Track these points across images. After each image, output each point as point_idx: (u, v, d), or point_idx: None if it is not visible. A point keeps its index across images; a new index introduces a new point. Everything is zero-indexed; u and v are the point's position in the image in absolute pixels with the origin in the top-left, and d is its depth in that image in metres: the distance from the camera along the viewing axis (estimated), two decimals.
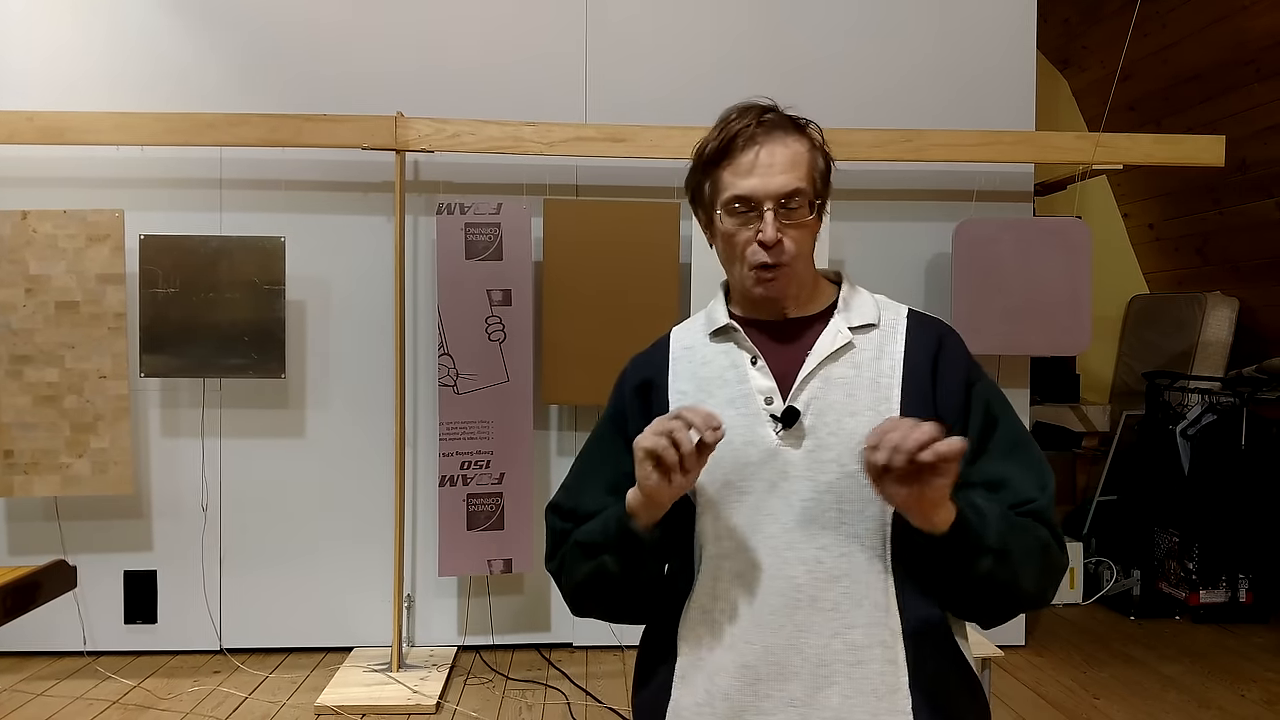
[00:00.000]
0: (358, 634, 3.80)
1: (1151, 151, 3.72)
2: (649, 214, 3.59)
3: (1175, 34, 4.75)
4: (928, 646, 1.23)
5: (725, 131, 1.28)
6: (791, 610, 1.22)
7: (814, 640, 1.21)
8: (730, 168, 1.27)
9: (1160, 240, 5.59)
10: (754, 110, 1.29)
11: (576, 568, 1.31)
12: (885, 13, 3.89)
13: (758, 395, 1.28)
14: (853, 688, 1.20)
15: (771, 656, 1.22)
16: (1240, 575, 4.37)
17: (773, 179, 1.25)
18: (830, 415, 1.25)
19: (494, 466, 3.56)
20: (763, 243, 1.25)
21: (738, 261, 1.30)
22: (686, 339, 1.40)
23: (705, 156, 1.30)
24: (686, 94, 3.81)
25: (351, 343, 3.79)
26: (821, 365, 1.28)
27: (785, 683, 1.22)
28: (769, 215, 1.24)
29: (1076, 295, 3.68)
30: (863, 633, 1.21)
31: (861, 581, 1.22)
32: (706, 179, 1.31)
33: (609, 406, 1.44)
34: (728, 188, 1.27)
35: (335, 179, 3.75)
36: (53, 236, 3.41)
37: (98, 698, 3.35)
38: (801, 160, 1.27)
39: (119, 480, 3.46)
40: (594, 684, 3.54)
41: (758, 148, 1.26)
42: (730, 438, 1.23)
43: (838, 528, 1.23)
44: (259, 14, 3.73)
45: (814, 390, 1.27)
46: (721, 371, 1.32)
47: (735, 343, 1.33)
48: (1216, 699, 3.49)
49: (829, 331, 1.30)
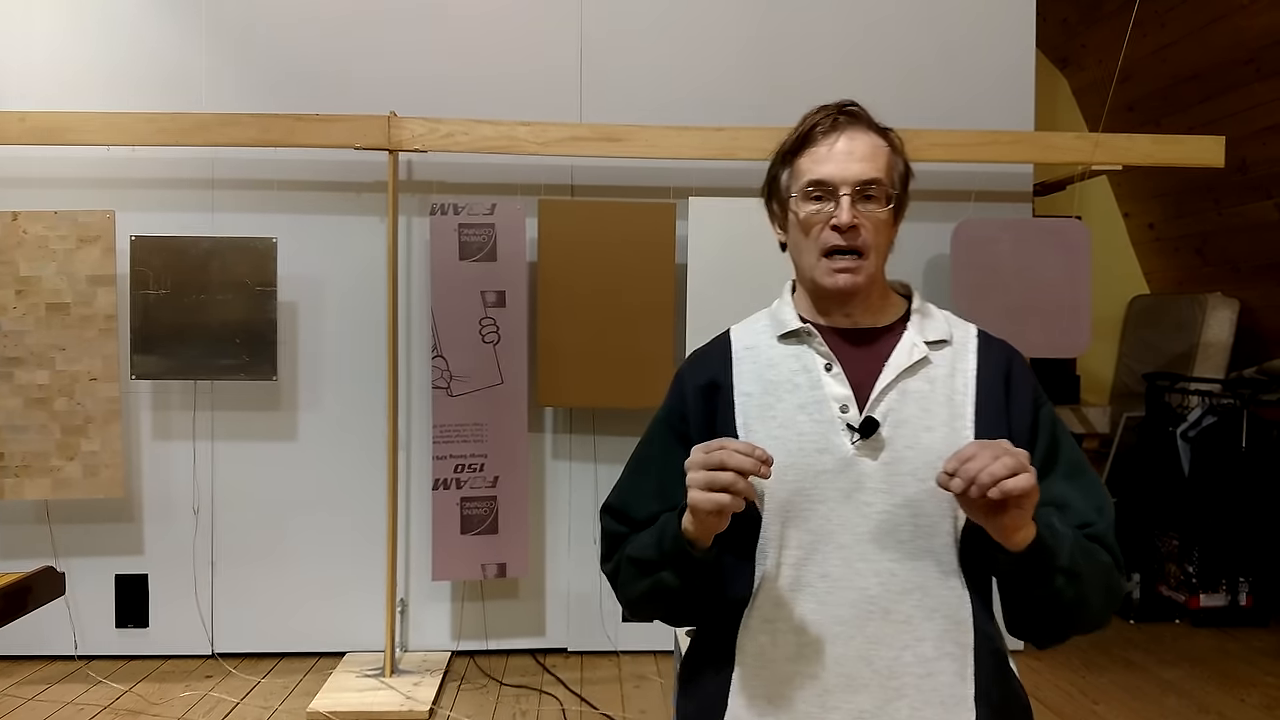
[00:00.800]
0: (350, 639, 3.77)
1: (1150, 152, 3.69)
2: (645, 214, 3.56)
3: (1174, 33, 4.73)
4: (992, 662, 1.24)
5: (806, 123, 1.31)
6: (863, 621, 1.21)
7: (885, 652, 1.21)
8: (809, 154, 1.28)
9: (1160, 240, 5.56)
10: (835, 105, 1.32)
11: (633, 584, 1.30)
12: (883, 12, 3.86)
13: (832, 403, 1.27)
14: (921, 700, 1.20)
15: (841, 668, 1.21)
16: (1240, 578, 4.34)
17: (851, 165, 1.26)
18: (907, 429, 1.25)
19: (488, 470, 3.53)
20: (837, 227, 1.25)
21: (810, 250, 1.29)
22: (748, 339, 1.38)
23: (784, 148, 1.32)
24: (682, 93, 3.78)
25: (344, 345, 3.75)
26: (899, 378, 1.27)
27: (854, 694, 1.20)
28: (845, 200, 1.25)
29: (1076, 296, 3.65)
30: (933, 645, 1.21)
31: (934, 595, 1.22)
32: (784, 169, 1.32)
33: (666, 405, 1.41)
34: (805, 173, 1.28)
35: (328, 179, 3.72)
36: (43, 238, 3.38)
37: (89, 703, 3.32)
38: (881, 154, 1.29)
39: (110, 483, 3.43)
40: (589, 690, 3.51)
41: (838, 134, 1.28)
42: (802, 444, 1.24)
43: (912, 541, 1.22)
44: (251, 14, 3.70)
45: (891, 402, 1.26)
46: (791, 375, 1.31)
47: (808, 346, 1.32)
48: (1216, 704, 3.46)
49: (904, 344, 1.30)
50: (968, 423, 1.25)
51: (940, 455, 1.20)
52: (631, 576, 1.30)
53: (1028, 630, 1.26)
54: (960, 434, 1.24)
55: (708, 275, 3.53)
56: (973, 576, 1.24)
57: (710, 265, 3.53)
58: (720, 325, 3.64)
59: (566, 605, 3.87)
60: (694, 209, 3.54)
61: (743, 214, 3.54)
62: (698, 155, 3.51)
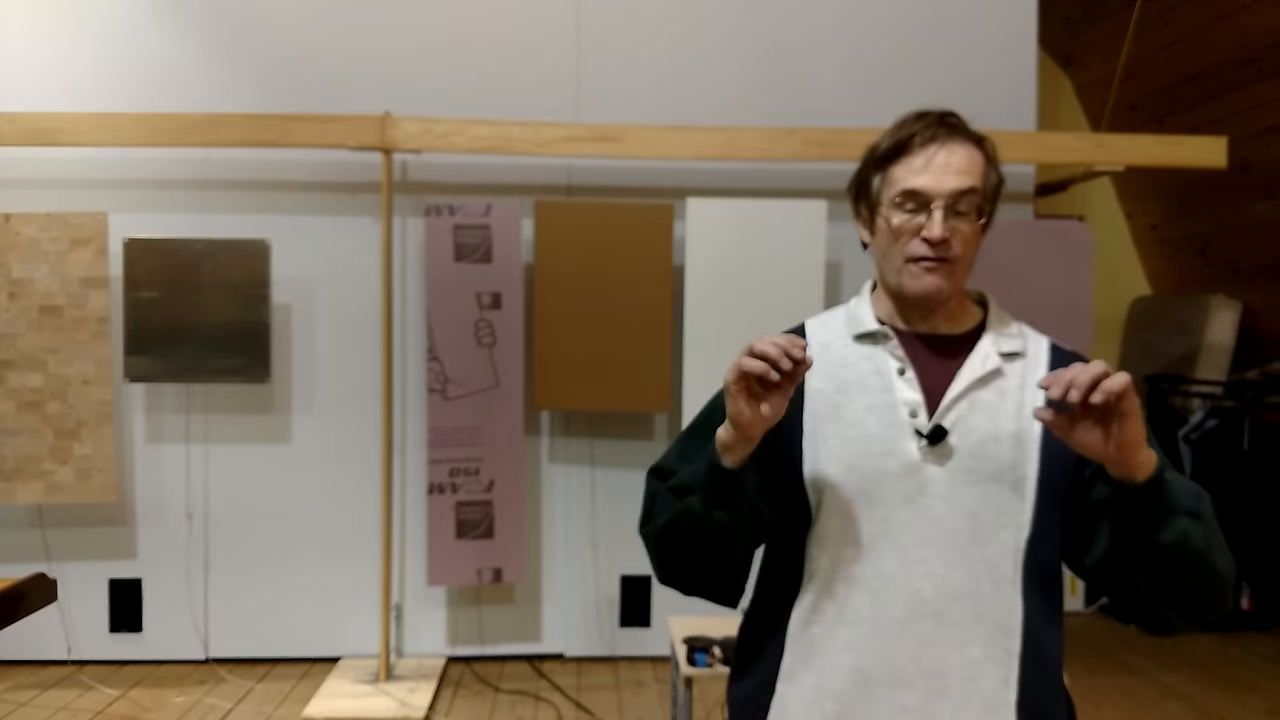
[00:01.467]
0: (345, 644, 3.74)
1: (1152, 152, 3.65)
2: (642, 215, 3.53)
3: (1177, 32, 4.69)
4: (1038, 672, 1.24)
5: (903, 130, 1.28)
6: (915, 621, 1.23)
7: (932, 653, 1.23)
8: (904, 163, 1.26)
9: (1163, 241, 5.53)
10: (935, 114, 1.29)
11: (663, 513, 1.29)
12: (882, 11, 3.82)
13: (902, 407, 1.27)
14: (964, 701, 1.22)
15: (888, 664, 1.23)
16: (1242, 583, 4.31)
17: (948, 178, 1.24)
18: (974, 438, 1.25)
19: (484, 474, 3.50)
20: (928, 239, 1.24)
21: (896, 257, 1.28)
22: (824, 335, 1.38)
23: (879, 153, 1.30)
24: (679, 94, 3.75)
25: (338, 347, 3.72)
26: (970, 388, 1.27)
27: (899, 690, 1.23)
28: (938, 214, 1.23)
29: (1077, 297, 3.62)
30: (980, 649, 1.23)
31: (985, 601, 1.23)
32: (877, 173, 1.30)
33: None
34: (899, 182, 1.26)
35: (322, 180, 3.69)
36: (35, 240, 3.36)
37: (81, 708, 3.30)
38: (978, 166, 1.26)
39: (102, 487, 3.40)
40: (586, 696, 3.48)
41: (936, 147, 1.25)
42: (869, 446, 1.26)
43: (969, 548, 1.23)
44: (244, 14, 3.66)
45: (960, 411, 1.26)
46: (863, 376, 1.30)
47: (884, 349, 1.32)
48: (1217, 709, 3.43)
49: (978, 354, 1.29)
50: (1035, 436, 1.25)
51: (1005, 466, 1.23)
52: (664, 506, 1.29)
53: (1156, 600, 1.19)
54: (1027, 448, 1.25)
55: (706, 277, 3.50)
56: (1033, 588, 1.25)
57: (709, 267, 3.50)
58: (719, 326, 3.61)
59: (563, 610, 3.84)
60: (692, 210, 3.51)
61: (742, 215, 3.51)
62: (695, 155, 3.48)
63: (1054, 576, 1.28)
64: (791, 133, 3.44)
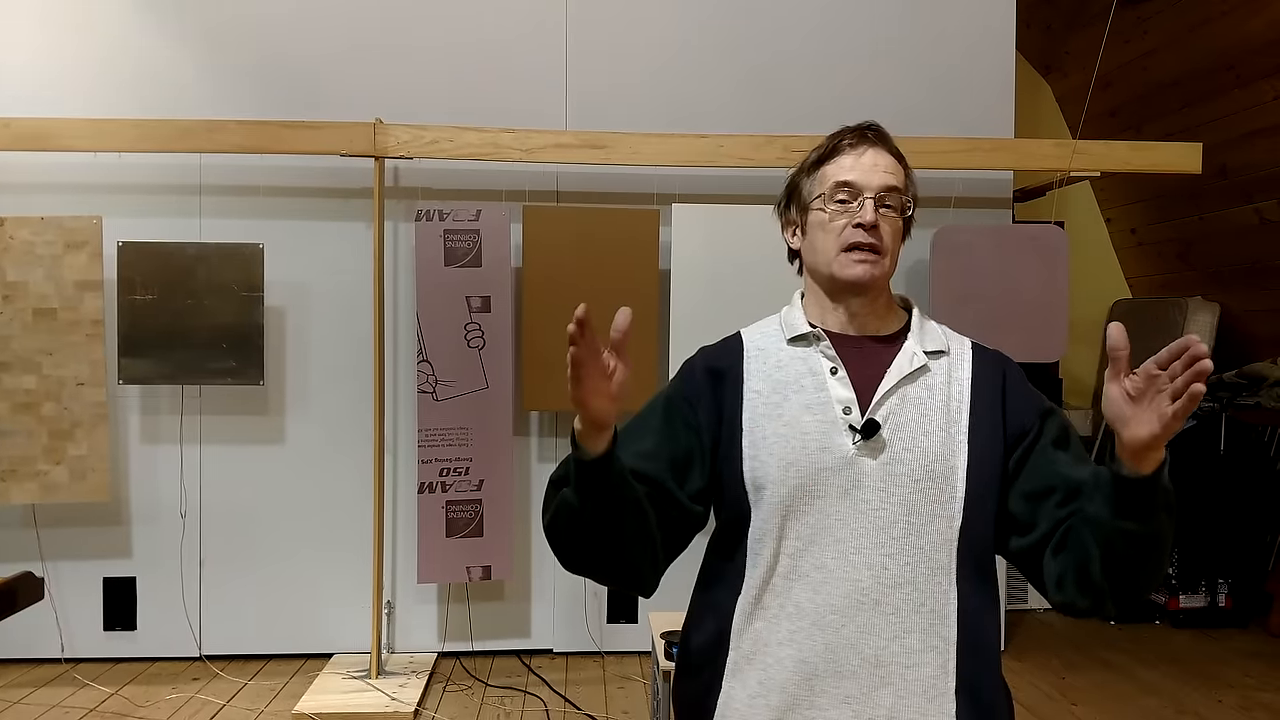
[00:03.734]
0: (337, 640, 3.80)
1: (1128, 158, 3.73)
2: (629, 220, 3.60)
3: (1155, 40, 4.78)
4: (975, 659, 1.30)
5: (833, 138, 1.40)
6: (854, 611, 1.28)
7: (873, 641, 1.27)
8: (836, 163, 1.38)
9: (1143, 245, 5.62)
10: (862, 124, 1.41)
11: (548, 509, 1.32)
12: (862, 21, 3.90)
13: (836, 404, 1.34)
14: (905, 689, 1.27)
15: (830, 654, 1.28)
16: (1220, 580, 4.39)
17: (876, 174, 1.35)
18: (905, 432, 1.32)
19: (473, 473, 3.56)
20: (861, 224, 1.33)
21: (831, 246, 1.37)
22: (759, 341, 1.46)
23: (809, 160, 1.42)
24: (664, 102, 3.82)
25: (331, 349, 3.78)
26: (899, 384, 1.34)
27: (841, 680, 1.27)
28: (869, 203, 1.34)
29: (1054, 301, 3.69)
30: (919, 638, 1.28)
31: (923, 589, 1.28)
32: (808, 178, 1.41)
33: (672, 389, 1.46)
34: (832, 176, 1.37)
35: (314, 185, 3.75)
36: (30, 243, 3.40)
37: (74, 706, 3.34)
38: (900, 173, 1.39)
39: (96, 487, 3.45)
40: (573, 690, 3.54)
41: (865, 148, 1.38)
42: (806, 442, 1.32)
43: (905, 538, 1.29)
44: (238, 21, 3.72)
45: (891, 406, 1.33)
46: (798, 377, 1.38)
47: (816, 350, 1.39)
48: (1193, 704, 3.50)
49: (905, 352, 1.37)
50: (963, 428, 1.33)
51: (936, 458, 1.30)
52: (548, 501, 1.32)
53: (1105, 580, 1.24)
54: (955, 439, 1.32)
55: (691, 280, 3.57)
56: (967, 575, 1.30)
57: (693, 271, 3.57)
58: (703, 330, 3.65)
59: (552, 607, 3.90)
60: (677, 215, 3.58)
61: (725, 220, 3.58)
62: (681, 162, 3.55)
63: (988, 563, 1.34)
64: (773, 140, 3.52)
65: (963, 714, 1.27)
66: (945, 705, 1.27)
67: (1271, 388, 4.82)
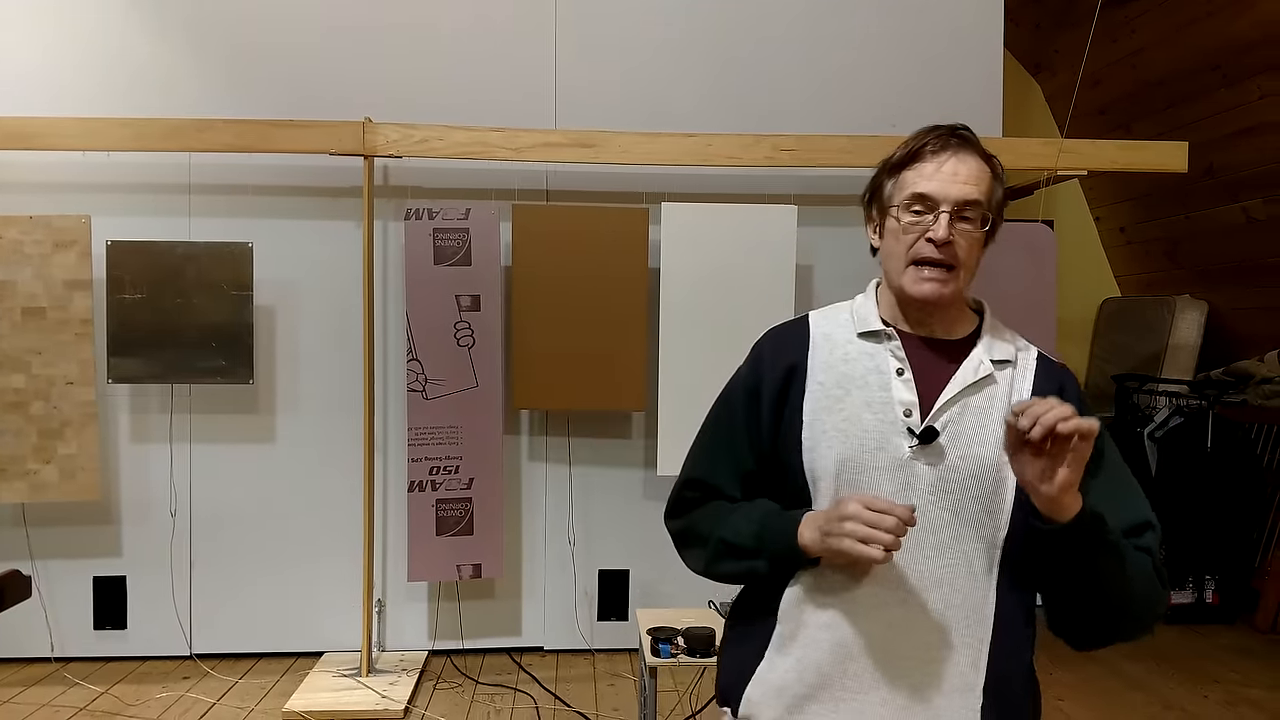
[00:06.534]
0: (328, 639, 3.80)
1: (1115, 157, 3.75)
2: (618, 219, 3.60)
3: (1143, 39, 4.80)
4: (1007, 661, 1.33)
5: (919, 140, 1.37)
6: (894, 605, 1.32)
7: (908, 635, 1.32)
8: (916, 169, 1.35)
9: (1131, 244, 5.64)
10: (949, 126, 1.38)
11: (722, 564, 1.42)
12: (851, 20, 3.91)
13: (898, 406, 1.35)
14: (932, 681, 1.31)
15: (866, 641, 1.33)
16: (1207, 577, 4.42)
17: (955, 185, 1.33)
18: (962, 440, 1.33)
19: (463, 472, 3.57)
20: (932, 239, 1.32)
21: (901, 258, 1.36)
22: (827, 328, 1.46)
23: (893, 161, 1.39)
24: (653, 101, 3.83)
25: (320, 348, 3.79)
26: (962, 392, 1.36)
27: (873, 667, 1.32)
28: (944, 217, 1.32)
29: (1042, 300, 3.70)
30: (952, 635, 1.32)
31: (960, 591, 1.32)
32: (890, 179, 1.39)
33: (744, 374, 1.48)
34: (910, 185, 1.35)
35: (303, 184, 3.75)
36: (18, 242, 3.40)
37: (65, 705, 3.34)
38: (985, 179, 1.36)
39: (86, 486, 3.45)
40: (564, 688, 3.55)
41: (948, 155, 1.35)
42: (864, 440, 1.34)
43: (950, 544, 1.32)
44: (226, 19, 3.72)
45: (952, 414, 1.34)
46: (864, 373, 1.39)
47: (885, 348, 1.40)
48: (1179, 700, 3.53)
49: (972, 361, 1.38)
50: None
51: (989, 467, 1.32)
52: (721, 555, 1.42)
53: (1072, 622, 1.32)
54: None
55: (680, 279, 3.58)
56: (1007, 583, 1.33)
57: (683, 269, 3.58)
58: (695, 328, 3.67)
59: (542, 605, 3.91)
60: (667, 214, 3.59)
61: (715, 219, 3.59)
62: (670, 161, 3.55)
63: (1029, 575, 1.34)
64: (762, 139, 3.53)
65: (988, 710, 1.31)
66: (971, 700, 1.31)
67: (1258, 385, 4.85)
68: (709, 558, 1.44)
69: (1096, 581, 1.25)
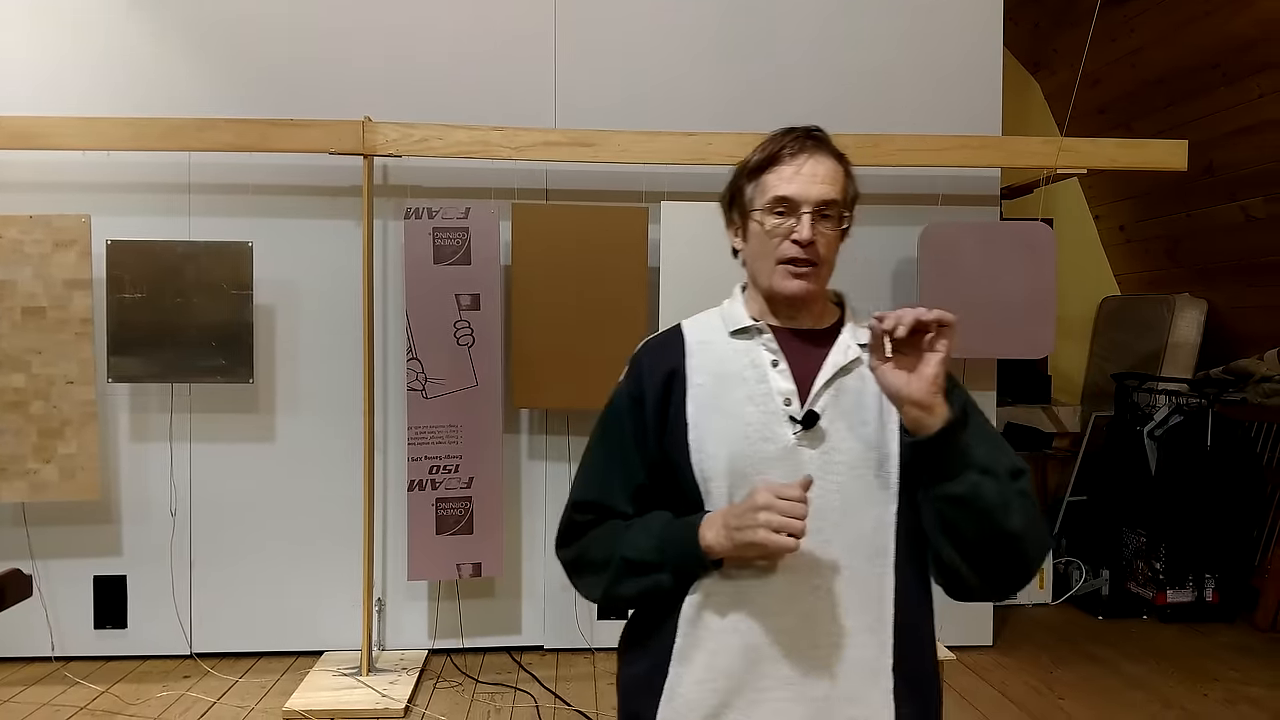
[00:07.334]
0: (328, 638, 3.80)
1: (1115, 156, 3.75)
2: (618, 218, 3.61)
3: (1142, 38, 4.80)
4: (912, 641, 1.36)
5: (775, 143, 1.41)
6: (798, 597, 1.33)
7: (815, 625, 1.33)
8: (776, 172, 1.39)
9: (1131, 242, 5.64)
10: (803, 129, 1.42)
11: (622, 585, 1.40)
12: (850, 19, 3.91)
13: (777, 396, 1.38)
14: (845, 669, 1.33)
15: (775, 638, 1.33)
16: (1207, 575, 4.42)
17: (815, 186, 1.37)
18: (842, 422, 1.37)
19: (463, 471, 3.57)
20: (798, 241, 1.36)
21: (769, 259, 1.40)
22: (702, 334, 1.48)
23: (752, 164, 1.43)
24: (654, 99, 3.84)
25: (320, 347, 3.79)
26: (836, 375, 1.40)
27: (784, 663, 1.33)
28: (806, 218, 1.36)
29: (1042, 298, 3.71)
30: (858, 619, 1.33)
31: (860, 572, 1.34)
32: (749, 183, 1.43)
33: (625, 388, 1.49)
34: (772, 189, 1.38)
35: (303, 183, 3.75)
36: (18, 241, 3.40)
37: (65, 704, 3.35)
38: (840, 178, 1.41)
39: (86, 486, 3.45)
40: (564, 687, 3.56)
41: (805, 157, 1.39)
42: (748, 433, 1.36)
43: (844, 525, 1.34)
44: (226, 19, 3.73)
45: (828, 398, 1.38)
46: (741, 369, 1.41)
47: (758, 343, 1.43)
48: (1179, 698, 3.53)
49: (840, 345, 1.43)
50: (895, 417, 1.35)
51: (871, 445, 1.35)
52: (622, 575, 1.39)
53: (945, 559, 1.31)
54: (888, 428, 1.36)
55: (679, 278, 3.58)
56: (904, 560, 1.35)
57: (682, 268, 3.58)
58: None
59: (542, 604, 3.91)
60: (666, 213, 3.59)
61: (714, 218, 3.55)
62: (669, 160, 3.55)
63: (923, 549, 1.37)
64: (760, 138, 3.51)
65: (899, 692, 1.33)
66: (883, 682, 1.33)
67: (1258, 384, 4.85)
68: (609, 580, 1.41)
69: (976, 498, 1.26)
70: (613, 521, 1.44)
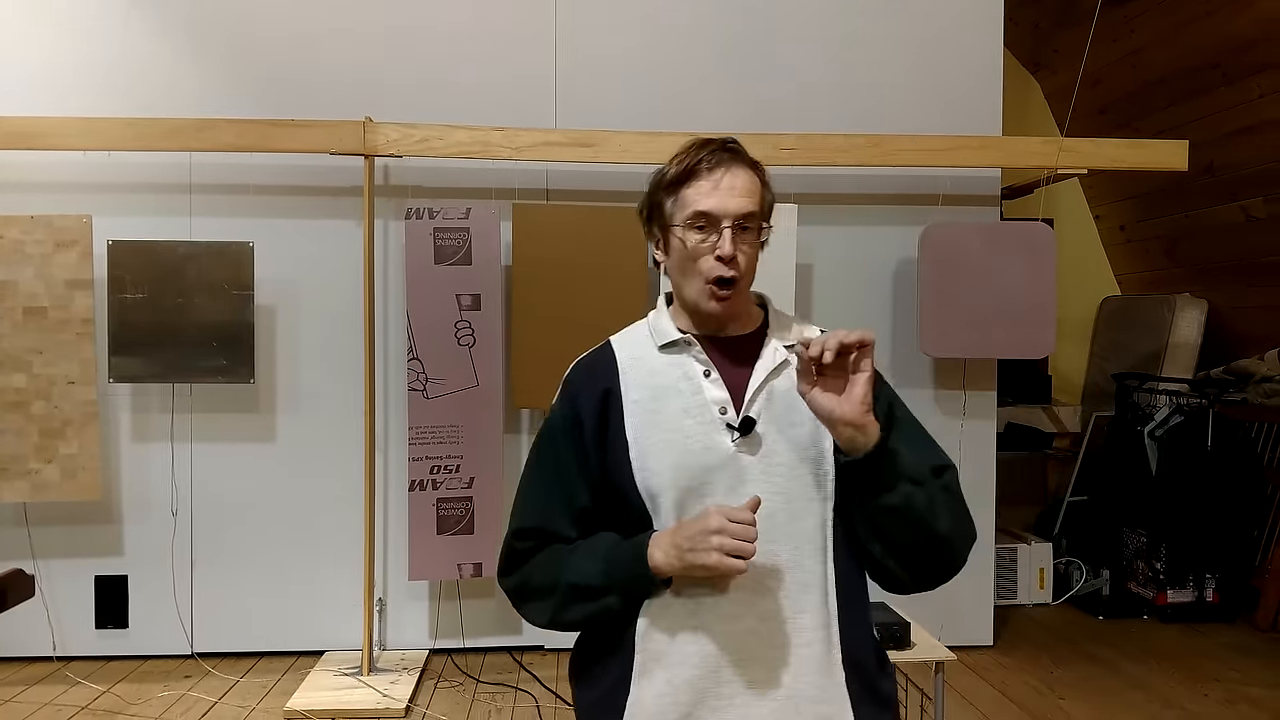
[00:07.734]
0: (329, 638, 3.81)
1: (1115, 156, 3.75)
2: (618, 218, 3.61)
3: (1143, 39, 4.81)
4: (853, 627, 1.38)
5: (691, 156, 1.40)
6: (753, 600, 1.34)
7: (771, 625, 1.34)
8: (694, 187, 1.38)
9: (1131, 242, 5.65)
10: (718, 140, 1.42)
11: (569, 610, 1.39)
12: (851, 19, 3.91)
13: (712, 405, 1.39)
14: (801, 667, 1.34)
15: (733, 644, 1.34)
16: (1207, 575, 4.42)
17: (734, 200, 1.37)
18: (777, 425, 1.39)
19: (463, 471, 3.58)
20: (720, 257, 1.36)
21: (693, 275, 1.39)
22: (633, 349, 1.48)
23: (669, 177, 1.42)
24: (656, 100, 3.84)
25: (321, 347, 3.79)
26: (766, 379, 1.41)
27: (744, 667, 1.34)
28: (727, 233, 1.36)
29: (1042, 298, 3.71)
30: (809, 617, 1.35)
31: (809, 571, 1.36)
32: (668, 197, 1.42)
33: (560, 410, 1.48)
34: (691, 204, 1.38)
35: (304, 184, 3.76)
36: (19, 242, 3.41)
37: (66, 704, 3.35)
38: (756, 190, 1.40)
39: (87, 486, 3.46)
40: (564, 686, 3.55)
41: (722, 171, 1.38)
42: (689, 445, 1.37)
43: (788, 525, 1.36)
44: (228, 19, 3.73)
45: (761, 402, 1.39)
46: (675, 382, 1.42)
47: (689, 355, 1.43)
48: (1179, 698, 3.53)
49: (768, 350, 1.44)
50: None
51: (807, 444, 1.37)
52: (569, 601, 1.38)
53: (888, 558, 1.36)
54: (820, 427, 1.37)
55: None
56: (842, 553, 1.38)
57: None
58: None
59: None
60: None
61: None
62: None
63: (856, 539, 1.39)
64: (761, 138, 3.51)
65: (851, 681, 1.36)
66: (836, 676, 1.35)
67: (1258, 384, 4.85)
68: (555, 606, 1.40)
69: (908, 507, 1.30)
70: (555, 546, 1.42)
